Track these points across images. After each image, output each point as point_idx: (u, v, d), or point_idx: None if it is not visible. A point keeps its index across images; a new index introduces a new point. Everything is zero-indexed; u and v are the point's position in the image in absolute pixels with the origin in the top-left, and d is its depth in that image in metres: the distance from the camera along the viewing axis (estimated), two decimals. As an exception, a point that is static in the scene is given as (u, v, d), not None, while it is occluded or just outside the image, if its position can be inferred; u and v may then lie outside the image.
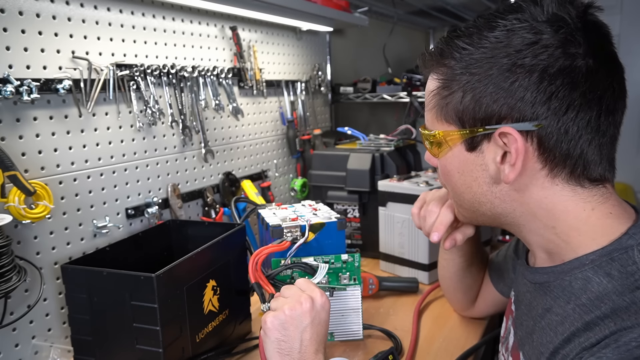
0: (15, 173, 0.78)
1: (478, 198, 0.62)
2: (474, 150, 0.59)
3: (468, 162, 0.60)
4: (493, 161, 0.58)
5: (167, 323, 0.74)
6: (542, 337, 0.57)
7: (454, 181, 0.64)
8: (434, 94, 0.61)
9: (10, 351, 0.83)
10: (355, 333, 0.92)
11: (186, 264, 0.79)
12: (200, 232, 0.97)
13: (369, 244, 1.31)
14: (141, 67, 1.04)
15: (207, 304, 0.84)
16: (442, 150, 0.63)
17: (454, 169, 0.63)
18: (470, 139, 0.59)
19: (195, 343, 0.81)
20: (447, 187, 0.68)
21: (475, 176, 0.61)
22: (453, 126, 0.60)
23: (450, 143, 0.61)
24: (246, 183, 1.35)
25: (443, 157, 0.63)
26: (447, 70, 0.59)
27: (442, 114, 0.60)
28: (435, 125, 0.62)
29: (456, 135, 0.60)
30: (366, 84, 1.82)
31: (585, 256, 0.56)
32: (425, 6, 1.85)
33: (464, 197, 0.64)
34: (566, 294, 0.56)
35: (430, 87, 0.62)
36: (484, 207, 0.62)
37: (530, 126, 0.54)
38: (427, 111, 0.64)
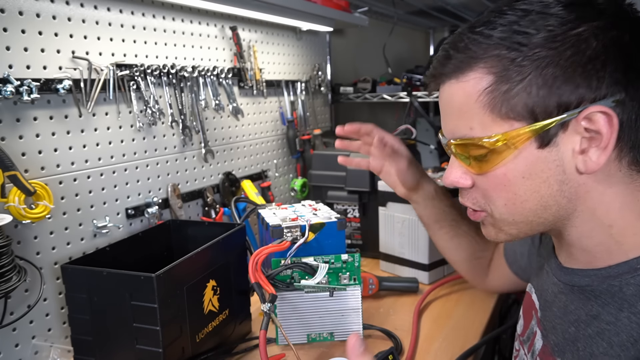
0: (15, 173, 0.78)
1: (545, 202, 0.54)
2: (547, 146, 0.52)
3: (539, 161, 0.52)
4: (572, 152, 0.51)
5: (167, 323, 0.74)
6: (592, 347, 0.53)
7: (516, 190, 0.54)
8: (488, 91, 0.52)
9: (10, 351, 0.83)
10: (355, 333, 0.91)
11: (186, 264, 0.79)
12: (200, 232, 0.97)
13: (369, 244, 1.31)
14: (141, 67, 1.04)
15: (207, 304, 0.84)
16: (501, 157, 0.53)
17: (518, 175, 0.54)
18: (544, 133, 0.51)
19: (195, 343, 0.81)
20: (496, 203, 0.57)
21: (546, 176, 0.53)
22: (519, 123, 0.52)
23: (517, 144, 0.52)
24: (246, 183, 1.35)
25: (502, 166, 0.54)
26: (499, 61, 0.51)
27: (501, 113, 0.52)
28: (489, 129, 0.53)
29: (526, 133, 0.51)
30: (366, 84, 1.82)
31: (636, 259, 0.52)
32: (425, 6, 1.85)
33: (526, 207, 0.55)
34: (617, 300, 0.52)
35: (475, 87, 0.53)
36: (548, 212, 0.55)
37: (609, 103, 0.49)
38: (470, 117, 0.54)
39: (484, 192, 0.58)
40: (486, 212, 0.59)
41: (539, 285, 0.68)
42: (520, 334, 0.72)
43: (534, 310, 0.67)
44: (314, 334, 0.91)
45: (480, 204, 0.59)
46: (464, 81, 0.54)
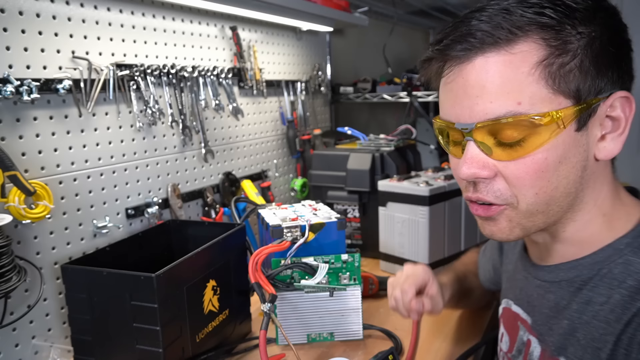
0: (15, 173, 0.78)
1: (569, 189, 0.53)
2: (581, 129, 0.50)
3: (573, 145, 0.51)
4: (594, 138, 0.52)
5: (167, 323, 0.74)
6: (591, 332, 0.53)
7: (550, 176, 0.51)
8: (545, 63, 0.48)
9: (10, 351, 0.83)
10: (355, 333, 0.92)
11: (186, 264, 0.79)
12: (200, 232, 0.97)
13: (369, 244, 1.31)
14: (141, 67, 1.04)
15: (207, 304, 0.84)
16: (544, 138, 0.49)
17: (556, 159, 0.51)
18: (584, 115, 0.50)
19: (195, 343, 0.81)
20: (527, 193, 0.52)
21: (575, 161, 0.51)
22: (569, 100, 0.49)
23: (565, 124, 0.49)
24: (246, 183, 1.35)
25: (542, 149, 0.50)
26: (551, 33, 0.48)
27: (557, 87, 0.49)
28: (540, 105, 0.49)
29: (572, 112, 0.49)
30: (366, 84, 1.82)
31: (619, 240, 0.54)
32: (425, 6, 1.85)
33: (554, 195, 0.52)
34: (606, 281, 0.53)
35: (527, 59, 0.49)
36: (567, 200, 0.53)
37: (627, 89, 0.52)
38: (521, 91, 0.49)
39: (515, 182, 0.52)
40: (508, 206, 0.54)
41: (518, 294, 0.67)
42: (507, 351, 0.69)
43: (520, 320, 0.66)
44: (314, 334, 0.91)
45: (504, 196, 0.53)
46: (510, 53, 0.49)
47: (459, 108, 0.53)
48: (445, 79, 0.54)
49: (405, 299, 0.80)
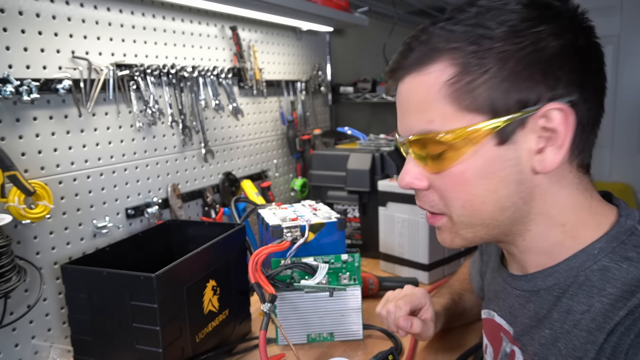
0: (15, 173, 0.78)
1: (502, 203, 0.54)
2: (505, 143, 0.51)
3: (496, 159, 0.52)
4: (528, 151, 0.51)
5: (167, 323, 0.74)
6: (572, 341, 0.52)
7: (473, 190, 0.53)
8: (450, 83, 0.51)
9: (10, 351, 0.83)
10: (355, 333, 0.92)
11: (186, 264, 0.79)
12: (200, 232, 0.97)
13: (369, 244, 1.31)
14: (141, 67, 1.04)
15: (207, 304, 0.84)
16: (459, 153, 0.52)
17: (475, 174, 0.53)
18: (502, 129, 0.50)
19: (195, 343, 0.81)
20: (454, 205, 0.56)
21: (503, 175, 0.52)
22: (481, 117, 0.51)
23: (476, 140, 0.51)
24: (246, 183, 1.35)
25: (459, 164, 0.53)
26: (463, 53, 0.51)
27: (461, 106, 0.51)
28: (449, 123, 0.52)
29: (486, 129, 0.50)
30: (366, 84, 1.82)
31: (591, 246, 0.53)
32: (425, 6, 1.85)
33: (484, 208, 0.54)
34: (585, 289, 0.52)
35: (438, 78, 0.52)
36: (505, 214, 0.54)
37: (565, 103, 0.50)
38: (430, 109, 0.53)
39: (441, 193, 0.56)
40: (445, 216, 0.57)
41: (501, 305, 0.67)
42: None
43: (502, 331, 0.66)
44: (314, 334, 0.91)
45: (438, 206, 0.57)
46: (425, 73, 0.53)
47: (399, 123, 0.58)
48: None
49: (398, 314, 0.82)
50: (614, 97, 2.96)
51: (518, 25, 0.50)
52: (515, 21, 0.50)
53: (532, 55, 0.49)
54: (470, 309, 0.94)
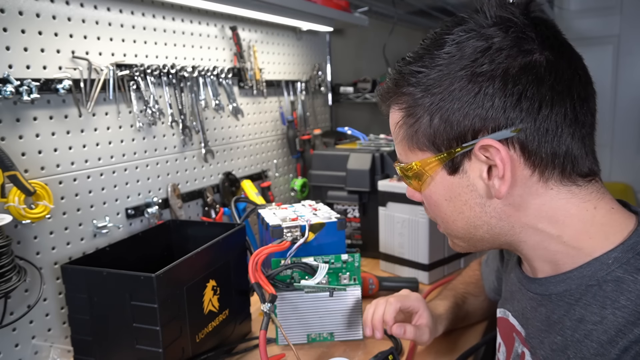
0: (15, 173, 0.78)
1: (473, 222, 0.58)
2: (456, 173, 0.56)
3: (453, 186, 0.57)
4: (480, 178, 0.55)
5: (167, 323, 0.74)
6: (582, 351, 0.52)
7: (444, 210, 0.60)
8: (400, 124, 0.58)
9: (10, 351, 0.83)
10: (355, 333, 0.92)
11: (186, 264, 0.79)
12: (200, 232, 0.97)
13: (369, 244, 1.31)
14: (141, 67, 1.04)
15: (207, 304, 0.84)
16: (423, 181, 0.59)
17: (440, 198, 0.59)
18: (450, 162, 0.56)
19: (195, 343, 0.81)
20: (437, 219, 0.63)
21: (464, 199, 0.57)
22: (428, 153, 0.57)
23: (430, 171, 0.58)
24: (246, 183, 1.35)
25: (427, 189, 0.60)
26: (407, 97, 0.57)
27: (413, 143, 0.58)
28: (410, 157, 0.59)
29: (434, 162, 0.57)
30: (366, 84, 1.82)
31: (606, 255, 0.53)
32: (425, 6, 1.85)
33: (458, 225, 0.60)
34: (598, 299, 0.52)
35: (394, 119, 0.60)
36: (481, 230, 0.58)
37: (508, 133, 0.51)
38: (397, 144, 0.61)
39: (428, 209, 0.63)
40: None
41: (515, 305, 0.67)
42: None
43: (515, 332, 0.66)
44: (314, 334, 0.91)
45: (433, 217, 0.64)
46: (392, 111, 0.60)
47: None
48: None
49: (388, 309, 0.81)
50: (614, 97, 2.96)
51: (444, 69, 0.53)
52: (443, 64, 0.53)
53: (463, 96, 0.53)
54: (473, 312, 0.95)
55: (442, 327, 0.87)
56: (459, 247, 0.65)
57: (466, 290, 0.96)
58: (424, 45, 0.56)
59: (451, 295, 0.94)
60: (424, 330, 0.83)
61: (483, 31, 0.52)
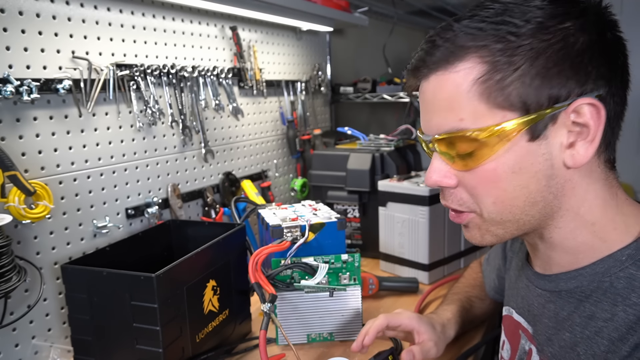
0: (15, 173, 0.78)
1: (533, 198, 0.53)
2: (537, 139, 0.51)
3: (529, 154, 0.51)
4: (560, 146, 0.51)
5: (167, 323, 0.74)
6: (593, 348, 0.52)
7: (504, 186, 0.53)
8: (482, 80, 0.51)
9: (10, 351, 0.83)
10: (355, 333, 0.92)
11: (186, 264, 0.79)
12: (200, 232, 0.97)
13: (369, 244, 1.31)
14: (141, 67, 1.04)
15: (207, 304, 0.84)
16: (491, 150, 0.52)
17: (506, 171, 0.52)
18: (534, 126, 0.50)
19: (195, 343, 0.81)
20: (484, 201, 0.55)
21: (535, 170, 0.52)
22: (513, 113, 0.50)
23: (510, 136, 0.51)
24: (246, 183, 1.35)
25: (490, 161, 0.52)
26: (491, 51, 0.50)
27: (495, 102, 0.51)
28: (480, 121, 0.51)
29: (518, 124, 0.50)
30: (366, 84, 1.82)
31: (620, 252, 0.53)
32: (425, 6, 1.85)
33: (515, 204, 0.54)
34: (609, 296, 0.52)
35: (467, 76, 0.51)
36: (535, 208, 0.54)
37: (593, 97, 0.50)
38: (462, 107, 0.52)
39: (472, 191, 0.55)
40: (474, 213, 0.57)
41: (520, 302, 0.67)
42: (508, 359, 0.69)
43: (521, 329, 0.66)
44: (314, 334, 0.91)
45: (467, 204, 0.56)
46: (454, 72, 0.52)
47: (423, 122, 0.58)
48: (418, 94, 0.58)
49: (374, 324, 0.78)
50: (614, 97, 2.95)
51: (545, 22, 0.50)
52: (542, 18, 0.50)
53: (561, 52, 0.49)
54: (480, 316, 0.94)
55: (453, 331, 0.85)
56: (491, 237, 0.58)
57: (472, 294, 0.95)
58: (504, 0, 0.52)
59: (457, 299, 0.93)
60: (429, 345, 0.79)
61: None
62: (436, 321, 0.84)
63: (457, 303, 0.91)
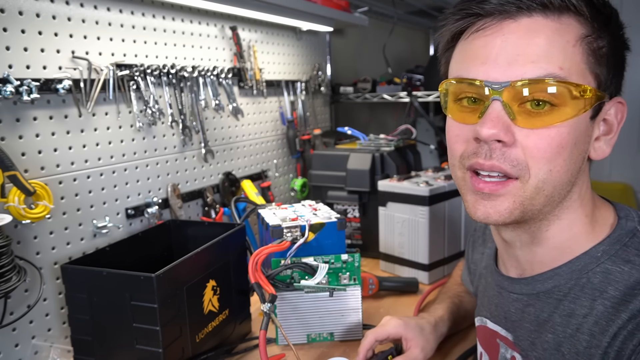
0: (15, 173, 0.78)
1: (570, 179, 0.52)
2: (593, 119, 0.52)
3: (584, 132, 0.51)
4: (597, 134, 0.54)
5: (167, 323, 0.74)
6: (576, 345, 0.52)
7: (565, 156, 0.50)
8: (590, 40, 0.49)
9: (10, 351, 0.83)
10: (355, 333, 0.91)
11: (186, 264, 0.79)
12: (200, 232, 0.97)
13: (369, 244, 1.31)
14: (141, 67, 1.04)
15: (207, 304, 0.84)
16: (570, 113, 0.49)
17: (571, 141, 0.50)
18: (598, 105, 0.51)
19: (195, 343, 0.81)
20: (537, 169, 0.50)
21: (581, 150, 0.52)
22: (595, 83, 0.50)
23: (590, 104, 0.50)
24: (246, 183, 1.35)
25: (566, 124, 0.49)
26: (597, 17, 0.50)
27: (591, 66, 0.50)
28: (581, 77, 0.49)
29: (594, 96, 0.50)
30: (366, 84, 1.82)
31: (594, 248, 0.54)
32: (425, 6, 1.85)
33: (564, 179, 0.52)
34: (587, 292, 0.52)
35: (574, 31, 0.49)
36: (564, 190, 0.53)
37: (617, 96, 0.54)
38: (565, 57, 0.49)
39: (534, 153, 0.50)
40: (519, 180, 0.51)
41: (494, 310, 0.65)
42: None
43: (499, 337, 0.64)
44: (314, 334, 0.91)
45: (521, 165, 0.50)
46: (556, 21, 0.49)
47: (492, 65, 0.50)
48: (474, 35, 0.52)
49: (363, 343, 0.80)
50: (614, 97, 2.95)
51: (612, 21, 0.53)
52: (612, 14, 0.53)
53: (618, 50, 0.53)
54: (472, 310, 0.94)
55: (446, 328, 0.86)
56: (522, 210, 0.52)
57: (459, 290, 0.96)
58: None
59: (447, 297, 0.94)
60: (415, 353, 0.78)
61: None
62: (426, 322, 0.82)
63: (447, 300, 0.92)
